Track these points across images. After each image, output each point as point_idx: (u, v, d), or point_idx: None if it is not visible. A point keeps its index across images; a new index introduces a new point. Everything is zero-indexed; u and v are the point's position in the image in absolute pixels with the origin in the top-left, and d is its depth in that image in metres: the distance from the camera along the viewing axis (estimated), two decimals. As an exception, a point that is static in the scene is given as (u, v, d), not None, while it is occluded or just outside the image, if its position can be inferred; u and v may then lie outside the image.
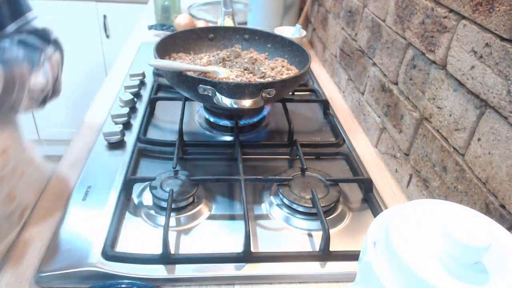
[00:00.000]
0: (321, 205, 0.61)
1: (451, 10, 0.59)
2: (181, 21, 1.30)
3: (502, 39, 0.49)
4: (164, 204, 0.62)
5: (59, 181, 0.69)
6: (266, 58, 0.93)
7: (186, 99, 0.85)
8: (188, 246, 0.58)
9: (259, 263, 0.56)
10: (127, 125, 0.83)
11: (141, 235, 0.59)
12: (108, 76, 1.07)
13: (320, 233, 0.59)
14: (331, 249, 0.56)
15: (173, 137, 0.79)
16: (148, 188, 0.65)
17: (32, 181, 0.67)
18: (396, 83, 0.76)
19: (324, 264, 0.56)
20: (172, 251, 0.56)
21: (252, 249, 0.56)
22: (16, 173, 0.63)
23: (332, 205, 0.65)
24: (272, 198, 0.67)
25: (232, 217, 0.64)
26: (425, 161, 0.66)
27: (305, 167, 0.70)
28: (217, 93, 0.67)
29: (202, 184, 0.67)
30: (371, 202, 0.68)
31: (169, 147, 0.75)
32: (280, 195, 0.65)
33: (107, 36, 2.09)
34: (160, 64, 0.71)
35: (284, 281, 0.55)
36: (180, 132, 0.76)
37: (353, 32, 0.98)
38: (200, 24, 1.32)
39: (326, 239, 0.56)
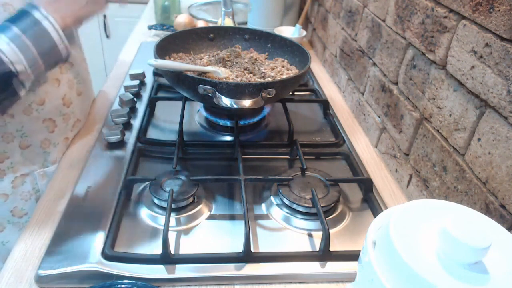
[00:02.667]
0: (321, 205, 0.61)
1: (451, 10, 0.59)
2: (181, 21, 1.30)
3: (502, 39, 0.49)
4: (164, 204, 0.62)
5: (59, 180, 0.69)
6: (266, 58, 0.93)
7: (186, 99, 0.85)
8: (188, 246, 0.58)
9: (259, 263, 0.56)
10: (127, 125, 0.83)
11: (141, 235, 0.59)
12: (108, 76, 1.07)
13: (320, 233, 0.59)
14: (331, 249, 0.56)
15: (173, 137, 0.79)
16: (148, 188, 0.65)
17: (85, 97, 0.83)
18: (396, 83, 0.76)
19: (324, 264, 0.56)
20: (172, 251, 0.56)
21: (252, 249, 0.56)
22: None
23: (332, 205, 0.65)
24: (272, 198, 0.67)
25: (232, 217, 0.64)
26: (425, 161, 0.66)
27: (305, 167, 0.70)
28: (217, 93, 0.67)
29: (202, 184, 0.67)
30: (371, 202, 0.68)
31: (169, 147, 0.75)
32: (280, 195, 0.65)
33: (107, 36, 2.09)
34: (160, 64, 0.71)
35: (284, 281, 0.55)
36: (180, 132, 0.76)
37: (353, 32, 0.98)
38: (200, 24, 1.32)
39: (326, 239, 0.56)
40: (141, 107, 0.90)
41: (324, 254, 0.56)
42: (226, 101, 0.67)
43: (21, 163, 0.69)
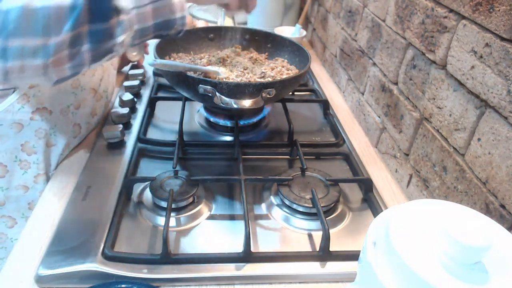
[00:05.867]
0: (321, 205, 0.61)
1: (451, 10, 0.59)
2: (181, 21, 1.30)
3: (502, 39, 0.49)
4: (164, 204, 0.62)
5: (59, 180, 0.69)
6: (266, 58, 0.93)
7: (186, 99, 0.85)
8: (188, 246, 0.58)
9: (259, 263, 0.56)
10: (127, 125, 0.83)
11: (141, 235, 0.59)
12: (108, 76, 1.07)
13: (320, 233, 0.59)
14: (331, 249, 0.56)
15: (173, 137, 0.79)
16: (148, 188, 0.65)
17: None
18: (396, 83, 0.76)
19: (324, 264, 0.56)
20: (172, 251, 0.56)
21: (252, 249, 0.56)
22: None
23: (332, 205, 0.65)
24: (272, 198, 0.67)
25: (232, 217, 0.64)
26: (425, 161, 0.66)
27: (305, 167, 0.70)
28: (217, 93, 0.67)
29: (202, 184, 0.67)
30: (371, 202, 0.68)
31: (169, 147, 0.75)
32: (280, 195, 0.65)
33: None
34: (160, 64, 0.71)
35: (284, 281, 0.55)
36: (180, 132, 0.76)
37: (353, 32, 0.98)
38: (200, 24, 1.32)
39: (326, 239, 0.56)
40: (141, 107, 0.90)
41: (324, 254, 0.56)
42: (226, 101, 0.67)
43: (43, 161, 0.70)
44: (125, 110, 0.84)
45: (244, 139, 0.82)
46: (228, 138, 0.83)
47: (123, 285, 0.51)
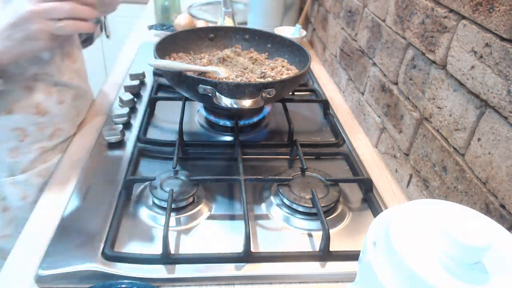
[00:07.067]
0: (321, 205, 0.61)
1: (451, 10, 0.59)
2: (181, 21, 1.30)
3: (502, 39, 0.49)
4: (164, 204, 0.62)
5: (59, 180, 0.69)
6: (266, 58, 0.93)
7: (186, 99, 0.85)
8: (188, 246, 0.58)
9: (259, 263, 0.56)
10: (127, 125, 0.83)
11: (141, 235, 0.59)
12: (108, 76, 1.07)
13: (320, 233, 0.59)
14: (331, 249, 0.56)
15: (173, 137, 0.79)
16: (148, 188, 0.65)
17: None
18: (396, 83, 0.76)
19: (324, 264, 0.56)
20: (172, 251, 0.56)
21: (252, 249, 0.56)
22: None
23: (332, 205, 0.65)
24: (272, 198, 0.67)
25: (232, 217, 0.64)
26: (425, 161, 0.66)
27: (305, 167, 0.70)
28: (217, 93, 0.67)
29: (202, 184, 0.67)
30: (371, 202, 0.68)
31: (169, 147, 0.75)
32: (280, 195, 0.65)
33: (107, 36, 2.09)
34: (160, 64, 0.71)
35: (284, 281, 0.55)
36: (180, 132, 0.76)
37: (353, 32, 0.98)
38: (200, 24, 1.32)
39: (326, 239, 0.56)
40: (141, 107, 0.90)
41: (324, 254, 0.56)
42: (226, 101, 0.67)
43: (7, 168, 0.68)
44: (125, 110, 0.84)
45: (244, 139, 0.82)
46: (228, 138, 0.83)
47: (123, 285, 0.51)
